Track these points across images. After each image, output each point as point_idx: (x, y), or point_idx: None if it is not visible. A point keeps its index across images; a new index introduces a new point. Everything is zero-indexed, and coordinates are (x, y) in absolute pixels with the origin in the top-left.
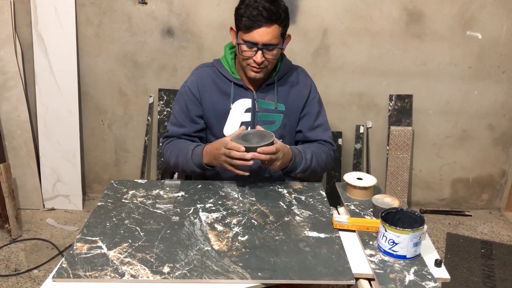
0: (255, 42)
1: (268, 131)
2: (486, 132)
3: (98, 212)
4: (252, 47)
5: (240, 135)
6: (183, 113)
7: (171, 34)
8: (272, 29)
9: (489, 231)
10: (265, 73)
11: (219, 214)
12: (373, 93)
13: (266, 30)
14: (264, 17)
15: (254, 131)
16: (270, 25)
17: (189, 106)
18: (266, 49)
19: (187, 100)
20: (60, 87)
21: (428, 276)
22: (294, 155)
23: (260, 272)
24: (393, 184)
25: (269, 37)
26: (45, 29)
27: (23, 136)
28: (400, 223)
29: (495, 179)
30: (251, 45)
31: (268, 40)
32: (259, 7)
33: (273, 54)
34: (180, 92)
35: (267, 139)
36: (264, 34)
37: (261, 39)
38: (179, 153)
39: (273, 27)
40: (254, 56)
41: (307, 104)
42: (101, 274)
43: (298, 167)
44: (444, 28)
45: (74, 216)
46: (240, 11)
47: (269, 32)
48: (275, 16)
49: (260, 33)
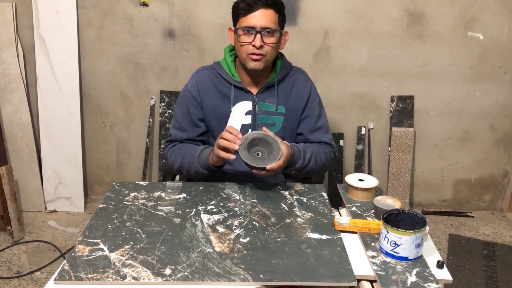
0: (253, 26)
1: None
2: (488, 133)
3: (99, 214)
4: (250, 31)
5: (247, 141)
6: (185, 117)
7: (172, 36)
8: (270, 13)
9: (492, 232)
10: (265, 64)
11: (221, 216)
12: (374, 94)
13: (264, 13)
14: (262, 1)
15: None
16: (267, 9)
17: (191, 109)
18: (265, 33)
19: (188, 104)
20: (61, 89)
21: (430, 277)
22: (294, 153)
23: (261, 274)
24: (395, 185)
25: (267, 20)
26: (46, 31)
27: (25, 138)
28: (402, 224)
29: (497, 180)
30: (250, 29)
31: (266, 24)
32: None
33: (272, 40)
34: (181, 95)
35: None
36: (261, 17)
37: (259, 23)
38: (184, 155)
39: (270, 11)
40: (253, 41)
41: (307, 106)
42: (102, 276)
43: (295, 165)
44: (445, 29)
45: (76, 218)
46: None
47: (266, 16)
48: (272, 1)
49: (257, 16)
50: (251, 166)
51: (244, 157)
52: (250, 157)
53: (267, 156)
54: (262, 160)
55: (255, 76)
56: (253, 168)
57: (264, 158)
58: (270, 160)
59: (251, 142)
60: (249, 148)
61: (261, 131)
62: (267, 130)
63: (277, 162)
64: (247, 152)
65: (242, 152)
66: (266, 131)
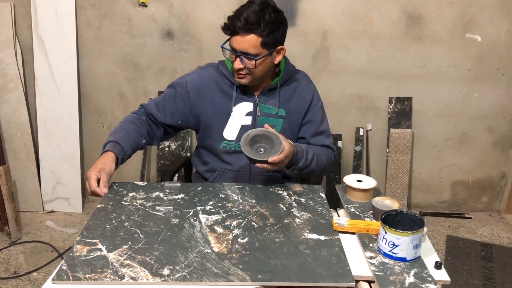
0: (234, 48)
1: (275, 135)
2: (486, 135)
3: (98, 214)
4: (232, 53)
5: (248, 137)
6: (168, 101)
7: (171, 37)
8: (249, 39)
9: (489, 233)
10: (252, 79)
11: (219, 216)
12: (372, 96)
13: (242, 38)
14: (239, 26)
15: (262, 132)
16: (246, 34)
17: (177, 99)
18: (245, 57)
19: (178, 93)
20: (60, 89)
21: (428, 278)
22: (296, 152)
23: (260, 274)
24: (393, 186)
25: (245, 45)
26: (45, 31)
27: (23, 139)
28: (400, 225)
29: (495, 181)
30: (231, 51)
31: (244, 49)
32: (240, 15)
33: (251, 64)
34: (178, 81)
35: (275, 148)
36: (240, 42)
37: (238, 46)
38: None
39: (250, 36)
40: (234, 62)
41: (309, 111)
42: (101, 276)
43: (297, 164)
44: (444, 31)
45: (73, 218)
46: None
47: (245, 41)
48: (252, 26)
49: (237, 40)
50: (254, 160)
51: (246, 152)
52: (253, 152)
53: (269, 152)
54: (264, 155)
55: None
56: (255, 162)
57: (266, 153)
58: (272, 154)
59: (254, 139)
60: (252, 145)
61: (262, 128)
62: (269, 127)
63: (279, 155)
64: (249, 148)
65: (245, 148)
66: (268, 128)
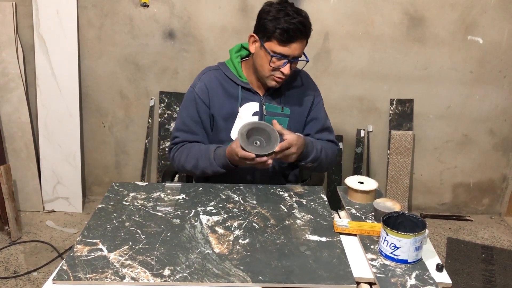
0: (287, 55)
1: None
2: (487, 137)
3: (98, 215)
4: (281, 59)
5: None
6: (194, 122)
7: (173, 37)
8: (304, 43)
9: (490, 236)
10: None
11: (220, 217)
12: (374, 97)
13: (301, 44)
14: (302, 32)
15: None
16: (304, 40)
17: (202, 116)
18: (294, 61)
19: (199, 109)
20: (61, 89)
21: (429, 280)
22: (307, 144)
23: (261, 276)
24: (394, 188)
25: (300, 50)
26: (46, 31)
27: (23, 138)
28: (401, 227)
29: (496, 184)
30: (282, 57)
31: (299, 54)
32: (295, 22)
33: (296, 65)
34: (188, 98)
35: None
36: (298, 48)
37: (294, 53)
38: (199, 156)
39: (304, 41)
40: (282, 68)
41: (313, 108)
42: (101, 276)
43: (310, 156)
44: (445, 33)
45: (74, 218)
46: (273, 23)
47: (302, 47)
48: (309, 31)
49: (295, 47)
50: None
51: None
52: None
53: (266, 144)
54: (261, 148)
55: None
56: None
57: (263, 146)
58: (272, 143)
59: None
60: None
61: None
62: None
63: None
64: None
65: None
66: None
